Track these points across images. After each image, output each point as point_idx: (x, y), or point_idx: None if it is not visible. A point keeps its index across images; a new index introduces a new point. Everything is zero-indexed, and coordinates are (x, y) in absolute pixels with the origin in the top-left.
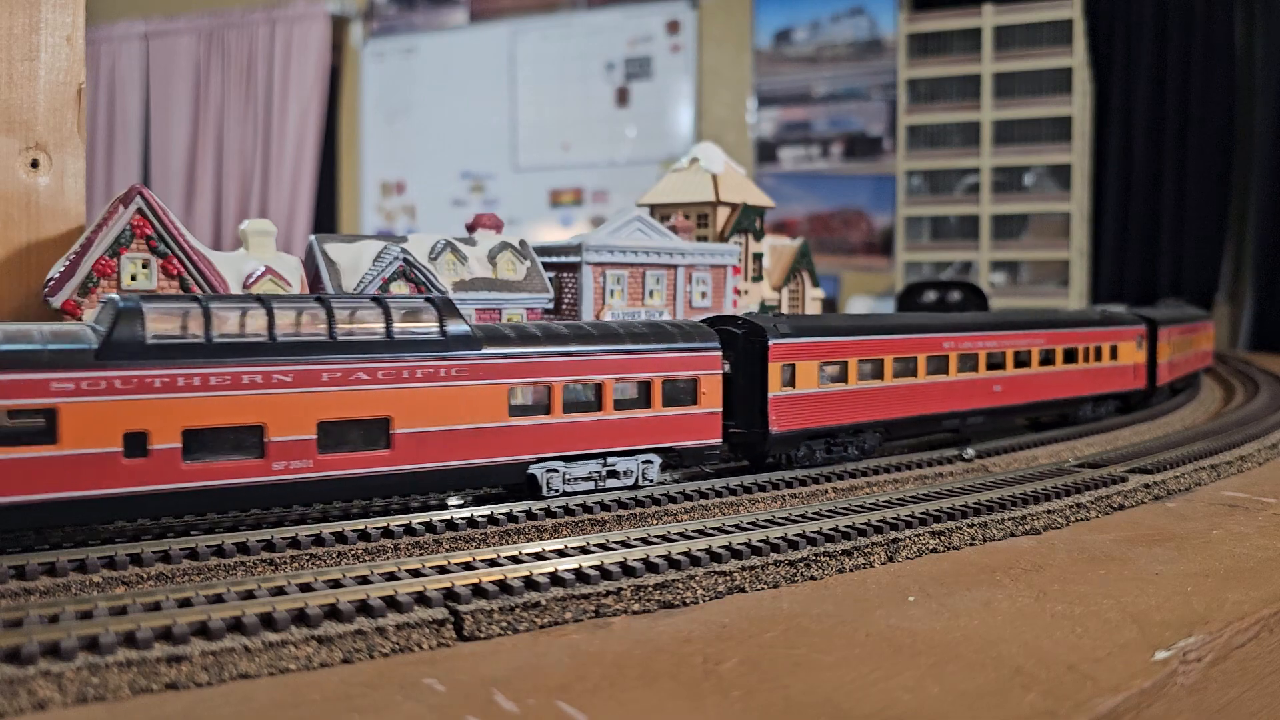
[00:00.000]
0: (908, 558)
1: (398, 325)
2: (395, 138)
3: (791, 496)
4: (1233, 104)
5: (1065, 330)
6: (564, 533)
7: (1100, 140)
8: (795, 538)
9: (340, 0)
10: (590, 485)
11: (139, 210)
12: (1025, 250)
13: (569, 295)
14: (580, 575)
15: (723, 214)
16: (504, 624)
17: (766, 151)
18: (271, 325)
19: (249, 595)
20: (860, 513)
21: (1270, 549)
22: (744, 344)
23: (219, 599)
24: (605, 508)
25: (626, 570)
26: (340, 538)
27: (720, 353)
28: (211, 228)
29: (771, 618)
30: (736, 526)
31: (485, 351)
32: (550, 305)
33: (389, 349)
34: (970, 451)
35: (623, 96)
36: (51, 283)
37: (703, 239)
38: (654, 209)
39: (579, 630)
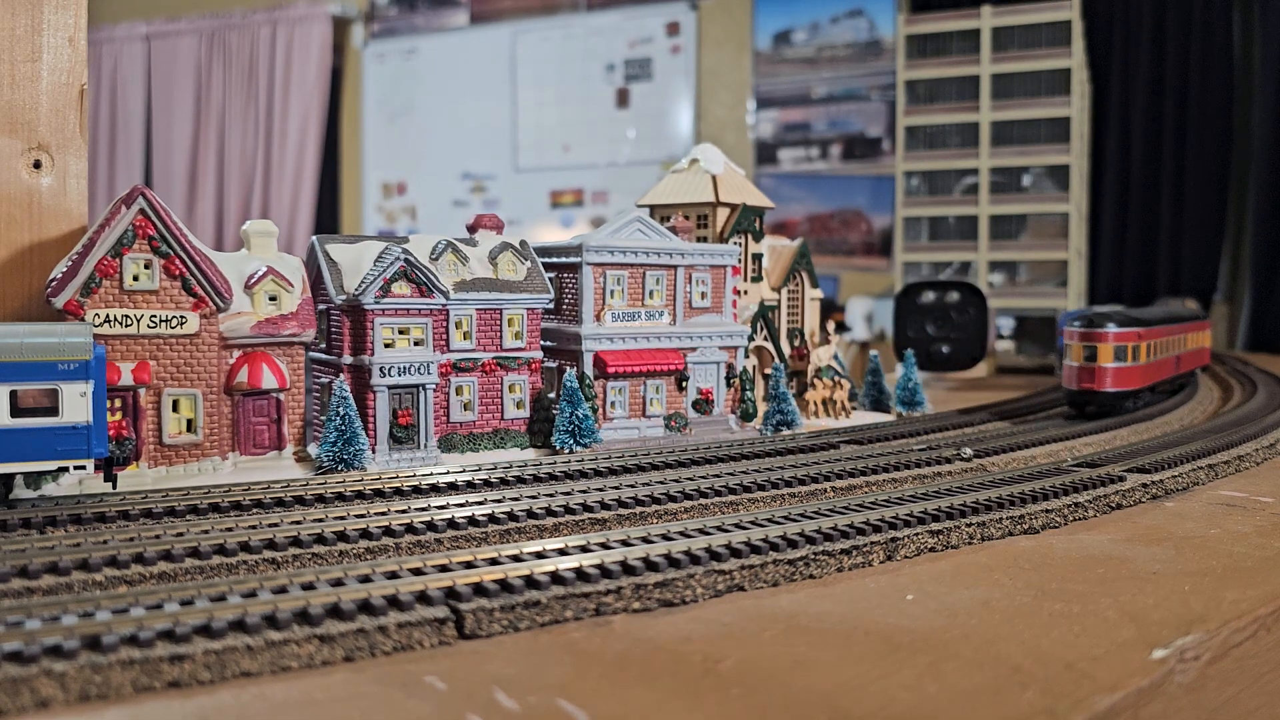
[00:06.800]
0: (906, 557)
1: None
2: (396, 139)
3: (791, 496)
4: (1231, 105)
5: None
6: (565, 531)
7: (1098, 141)
8: (794, 537)
9: (341, 2)
10: None
11: (141, 211)
12: (1024, 251)
13: (569, 295)
14: (581, 574)
15: (722, 215)
16: (505, 622)
17: (766, 152)
18: None
19: (251, 594)
20: (859, 512)
21: (1268, 548)
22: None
23: (221, 598)
24: (606, 506)
25: (627, 569)
26: (342, 536)
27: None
28: (213, 228)
29: (771, 616)
30: (736, 525)
31: None
32: (550, 305)
33: None
34: (968, 451)
35: (623, 98)
36: (54, 283)
37: (702, 239)
38: (654, 210)
39: (579, 628)
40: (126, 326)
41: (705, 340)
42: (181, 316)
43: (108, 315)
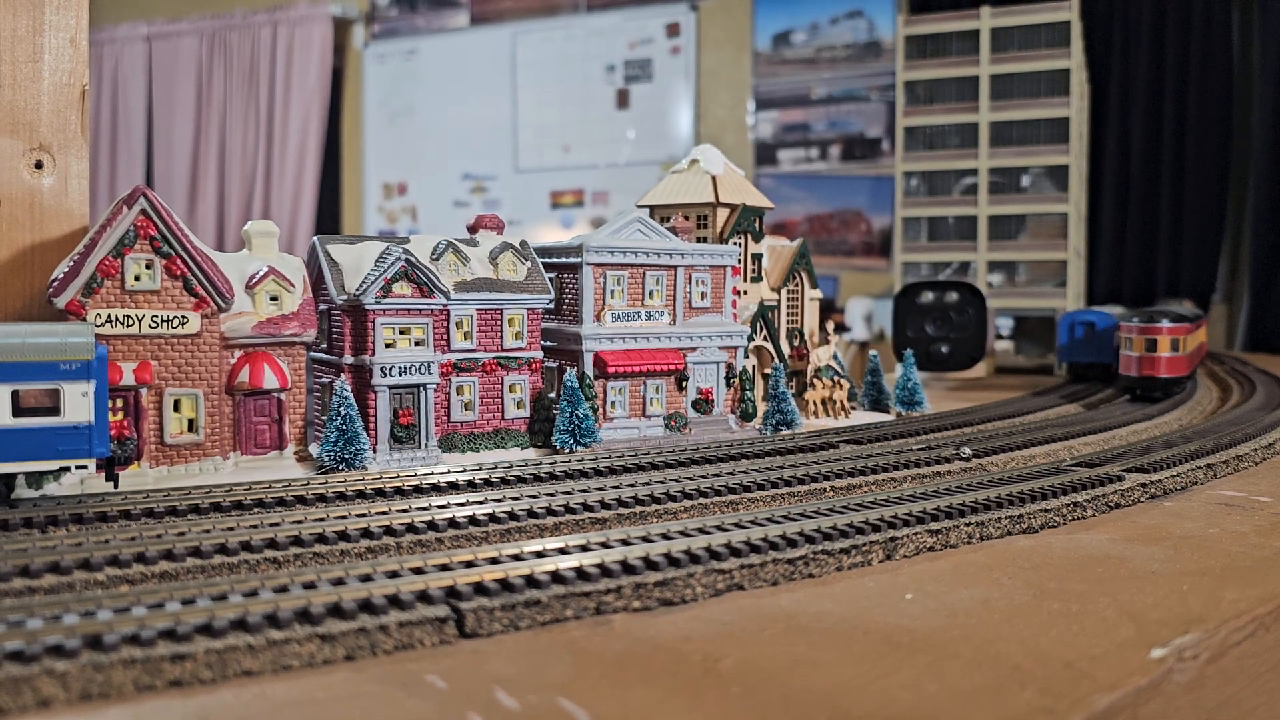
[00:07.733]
0: (905, 556)
1: None
2: (397, 139)
3: (790, 495)
4: (1230, 106)
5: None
6: (565, 531)
7: (1098, 141)
8: (794, 536)
9: (342, 2)
10: None
11: (142, 211)
12: (1023, 251)
13: (569, 295)
14: (581, 573)
15: (722, 215)
16: (505, 621)
17: (765, 153)
18: None
19: (253, 593)
20: (858, 511)
21: (1266, 548)
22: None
23: (223, 597)
24: (606, 506)
25: (627, 568)
26: (343, 535)
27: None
28: (215, 229)
29: (770, 616)
30: (736, 525)
31: None
32: (551, 305)
33: None
34: (967, 450)
35: (623, 98)
36: (56, 283)
37: (702, 240)
38: (654, 210)
39: (580, 628)
40: (128, 326)
41: (705, 340)
42: (183, 316)
43: (109, 315)
